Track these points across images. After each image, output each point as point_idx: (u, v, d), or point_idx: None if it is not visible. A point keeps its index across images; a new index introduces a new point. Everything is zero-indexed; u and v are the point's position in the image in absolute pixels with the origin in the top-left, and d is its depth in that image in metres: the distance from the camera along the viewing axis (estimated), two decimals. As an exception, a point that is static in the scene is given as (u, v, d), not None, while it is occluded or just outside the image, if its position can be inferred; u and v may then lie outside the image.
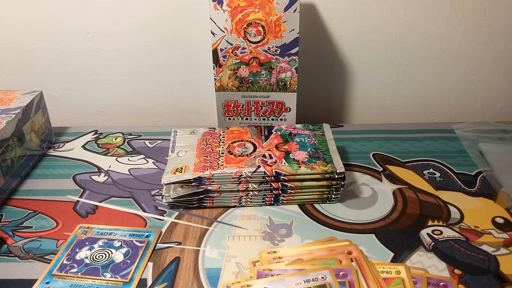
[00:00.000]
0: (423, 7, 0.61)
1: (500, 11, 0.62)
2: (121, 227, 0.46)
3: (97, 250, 0.43)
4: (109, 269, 0.40)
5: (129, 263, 0.41)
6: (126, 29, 0.64)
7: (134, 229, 0.45)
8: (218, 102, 0.59)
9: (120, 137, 0.63)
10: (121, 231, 0.45)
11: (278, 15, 0.53)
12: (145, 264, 0.41)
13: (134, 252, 0.42)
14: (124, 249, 0.43)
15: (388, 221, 0.47)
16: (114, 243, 0.44)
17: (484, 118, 0.72)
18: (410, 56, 0.65)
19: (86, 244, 0.44)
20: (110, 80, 0.68)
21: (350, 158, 0.57)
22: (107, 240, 0.44)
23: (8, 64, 0.67)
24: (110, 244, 0.43)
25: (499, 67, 0.67)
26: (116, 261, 0.41)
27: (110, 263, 0.41)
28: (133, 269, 0.40)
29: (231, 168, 0.47)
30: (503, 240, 0.44)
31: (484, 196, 0.50)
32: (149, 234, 0.45)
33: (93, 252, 0.42)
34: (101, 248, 0.43)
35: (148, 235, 0.45)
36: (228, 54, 0.55)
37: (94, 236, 0.44)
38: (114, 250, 0.43)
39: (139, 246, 0.43)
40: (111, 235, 0.45)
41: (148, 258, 0.42)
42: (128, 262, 0.41)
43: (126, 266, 0.41)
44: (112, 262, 0.41)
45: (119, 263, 0.41)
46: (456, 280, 0.39)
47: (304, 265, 0.39)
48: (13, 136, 0.52)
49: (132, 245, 0.43)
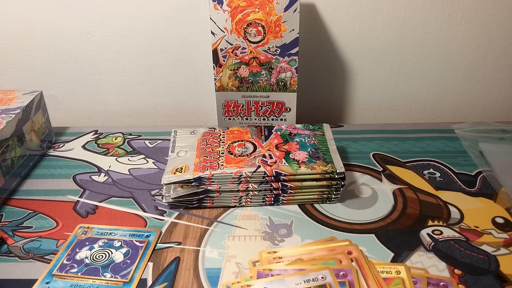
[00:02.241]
0: (423, 7, 0.61)
1: (500, 11, 0.62)
2: (121, 227, 0.46)
3: (97, 250, 0.43)
4: (109, 269, 0.40)
5: (129, 263, 0.41)
6: (126, 29, 0.64)
7: (134, 229, 0.45)
8: (218, 102, 0.59)
9: (120, 137, 0.63)
10: (121, 231, 0.45)
11: (278, 15, 0.53)
12: (145, 264, 0.41)
13: (134, 252, 0.42)
14: (124, 249, 0.43)
15: (388, 221, 0.47)
16: (114, 243, 0.44)
17: (484, 118, 0.72)
18: (410, 56, 0.65)
19: (86, 244, 0.44)
20: (110, 80, 0.68)
21: (350, 158, 0.57)
22: (107, 240, 0.44)
23: (8, 64, 0.67)
24: (110, 244, 0.43)
25: (499, 67, 0.67)
26: (116, 261, 0.41)
27: (110, 263, 0.41)
28: (133, 269, 0.40)
29: (231, 168, 0.47)
30: (503, 240, 0.44)
31: (484, 196, 0.50)
32: (149, 234, 0.45)
33: (93, 252, 0.42)
34: (101, 248, 0.43)
35: (148, 235, 0.45)
36: (228, 54, 0.55)
37: (94, 236, 0.44)
38: (114, 250, 0.43)
39: (139, 246, 0.43)
40: (111, 235, 0.45)
41: (148, 258, 0.42)
42: (128, 262, 0.41)
43: (126, 266, 0.41)
44: (112, 262, 0.41)
45: (119, 263, 0.41)
46: (456, 280, 0.39)
47: (304, 265, 0.39)
48: (13, 136, 0.52)
49: (132, 245, 0.43)
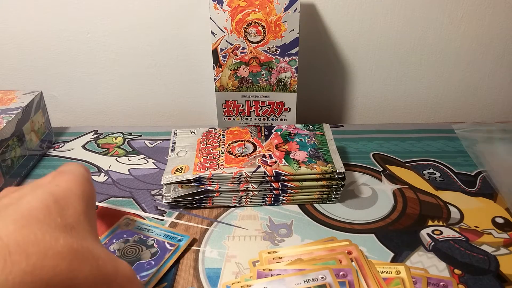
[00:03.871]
0: (423, 7, 0.61)
1: (500, 11, 0.62)
2: (160, 225, 0.46)
3: (130, 244, 0.43)
4: (133, 266, 0.40)
5: (152, 264, 0.40)
6: (126, 29, 0.64)
7: (170, 230, 0.45)
8: (218, 102, 0.59)
9: (120, 137, 0.63)
10: (158, 230, 0.45)
11: (278, 15, 0.53)
12: (167, 268, 0.40)
13: (161, 254, 0.42)
14: (154, 249, 0.42)
15: (388, 221, 0.47)
16: (148, 241, 0.43)
17: (484, 118, 0.72)
18: (410, 56, 0.66)
19: (124, 236, 0.44)
20: (110, 80, 0.68)
21: (350, 158, 0.57)
22: (143, 237, 0.44)
23: (8, 64, 0.67)
24: (144, 241, 0.43)
25: (499, 67, 0.67)
26: (142, 260, 0.41)
27: (136, 261, 0.41)
28: (154, 272, 0.40)
29: (231, 168, 0.47)
30: (503, 240, 0.44)
31: (484, 196, 0.50)
32: (182, 238, 0.44)
33: (126, 246, 0.42)
34: (135, 243, 0.43)
35: (181, 239, 0.44)
36: (228, 54, 0.55)
37: (133, 230, 0.44)
38: (145, 248, 0.42)
39: (169, 249, 0.42)
40: (148, 232, 0.44)
41: (173, 263, 0.41)
42: (152, 263, 0.40)
43: (149, 267, 0.40)
44: (139, 260, 0.41)
45: (144, 262, 0.41)
46: (456, 280, 0.39)
47: (304, 265, 0.39)
48: (13, 136, 0.52)
49: (162, 247, 0.42)
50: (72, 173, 0.33)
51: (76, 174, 0.33)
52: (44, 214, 0.27)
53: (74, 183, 0.32)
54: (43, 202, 0.28)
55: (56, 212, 0.28)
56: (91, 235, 0.29)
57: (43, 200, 0.28)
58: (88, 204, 0.32)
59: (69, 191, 0.31)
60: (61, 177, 0.32)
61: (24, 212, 0.27)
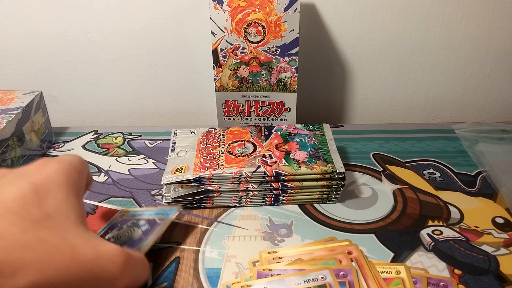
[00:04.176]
0: (423, 7, 0.61)
1: (500, 11, 0.62)
2: (151, 208, 0.46)
3: (124, 229, 0.43)
4: (127, 245, 0.40)
5: (144, 238, 0.41)
6: (126, 29, 0.64)
7: (160, 209, 0.45)
8: (218, 102, 0.59)
9: (120, 137, 0.63)
10: (149, 212, 0.45)
11: (278, 15, 0.53)
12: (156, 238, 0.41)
13: (152, 229, 0.42)
14: (145, 226, 0.43)
15: (388, 221, 0.47)
16: (140, 222, 0.43)
17: (484, 118, 0.72)
18: (410, 56, 0.66)
19: (118, 225, 0.44)
20: (110, 80, 0.68)
21: (350, 158, 0.57)
22: (136, 220, 0.44)
23: (8, 64, 0.67)
24: (136, 223, 0.43)
25: (499, 67, 0.67)
26: (134, 238, 0.41)
27: (128, 240, 0.41)
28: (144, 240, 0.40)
29: (231, 168, 0.47)
30: (503, 240, 0.44)
31: (484, 196, 0.50)
32: (170, 211, 0.44)
33: (120, 231, 0.43)
34: (128, 227, 0.43)
35: (169, 212, 0.44)
36: (228, 54, 0.55)
37: (127, 218, 0.45)
38: (137, 228, 0.43)
39: (159, 223, 0.43)
40: (141, 215, 0.45)
41: (163, 232, 0.42)
42: (143, 238, 0.41)
43: (141, 241, 0.41)
44: (131, 238, 0.41)
45: (136, 240, 0.41)
46: (456, 280, 0.39)
47: (304, 265, 0.39)
48: (13, 136, 0.52)
49: (153, 223, 0.43)
50: (58, 161, 0.33)
51: (62, 163, 0.33)
52: (19, 204, 0.27)
53: (58, 171, 0.32)
54: (21, 192, 0.28)
55: (31, 202, 0.28)
56: (73, 223, 0.29)
57: (21, 190, 0.29)
58: (73, 192, 0.32)
59: (50, 180, 0.31)
60: (46, 165, 0.32)
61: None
